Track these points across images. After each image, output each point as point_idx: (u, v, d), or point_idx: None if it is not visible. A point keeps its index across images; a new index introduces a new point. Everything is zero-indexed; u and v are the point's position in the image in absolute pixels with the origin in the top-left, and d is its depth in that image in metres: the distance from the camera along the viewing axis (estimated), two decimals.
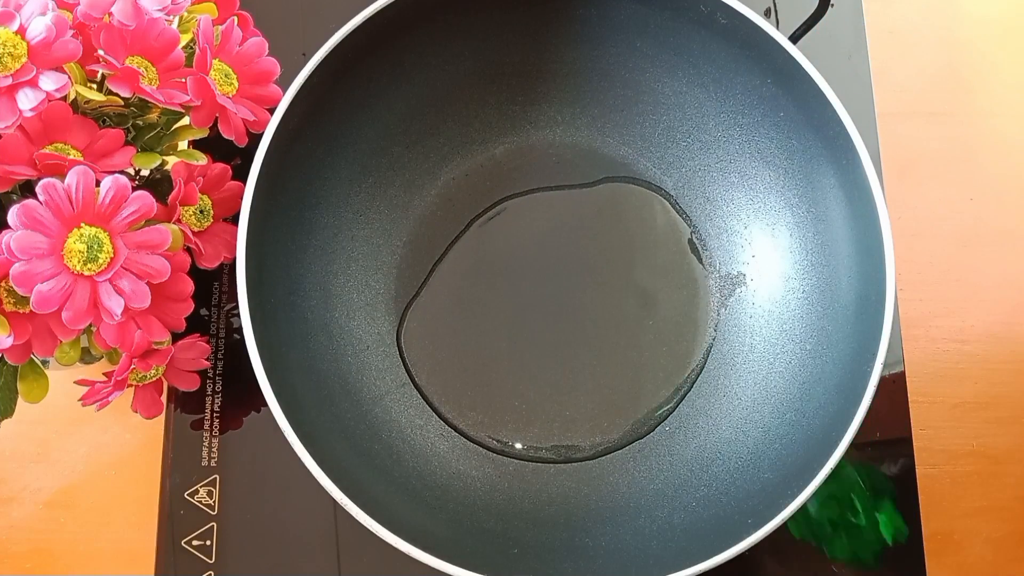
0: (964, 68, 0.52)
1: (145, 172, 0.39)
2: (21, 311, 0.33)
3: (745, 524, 0.34)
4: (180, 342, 0.39)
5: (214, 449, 0.44)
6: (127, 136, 0.36)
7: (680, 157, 0.46)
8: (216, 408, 0.45)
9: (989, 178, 0.50)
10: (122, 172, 0.34)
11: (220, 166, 0.40)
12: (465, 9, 0.42)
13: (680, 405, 0.43)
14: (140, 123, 0.37)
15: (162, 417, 0.44)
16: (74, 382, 0.38)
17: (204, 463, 0.44)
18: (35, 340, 0.33)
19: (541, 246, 0.46)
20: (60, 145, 0.34)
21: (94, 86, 0.35)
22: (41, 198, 0.31)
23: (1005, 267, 0.49)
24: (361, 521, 0.34)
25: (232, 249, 0.38)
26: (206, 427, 0.44)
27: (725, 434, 0.42)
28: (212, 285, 0.46)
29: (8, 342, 0.32)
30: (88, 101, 0.34)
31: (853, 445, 0.34)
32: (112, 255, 0.32)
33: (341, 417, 0.40)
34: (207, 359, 0.41)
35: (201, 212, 0.39)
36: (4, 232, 0.31)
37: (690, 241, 0.46)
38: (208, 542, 0.43)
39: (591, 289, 0.45)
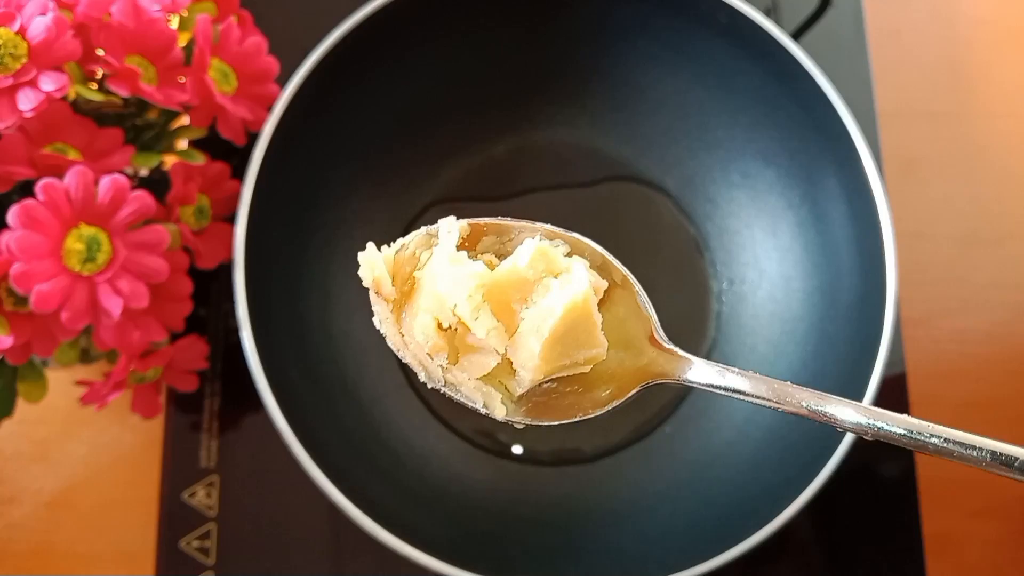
0: (965, 68, 0.52)
1: (144, 172, 0.39)
2: (21, 311, 0.33)
3: (746, 525, 0.34)
4: (179, 342, 0.39)
5: (213, 450, 0.44)
6: (126, 136, 0.36)
7: (681, 157, 0.45)
8: (215, 409, 0.44)
9: (989, 178, 0.50)
10: (121, 172, 0.34)
11: (218, 165, 0.40)
12: (464, 8, 0.41)
13: (681, 406, 0.43)
14: (139, 123, 0.37)
15: (161, 418, 0.44)
16: (74, 382, 0.38)
17: (203, 464, 0.44)
18: (35, 341, 0.33)
19: None
20: (59, 145, 0.34)
21: (94, 86, 0.35)
22: (40, 198, 0.31)
23: (1005, 267, 0.49)
24: (360, 523, 0.34)
25: (231, 249, 0.38)
26: (205, 428, 0.44)
27: (726, 435, 0.42)
28: (210, 285, 0.46)
29: (8, 342, 0.32)
30: (87, 101, 0.34)
31: (854, 446, 0.34)
32: (111, 255, 0.32)
33: (340, 418, 0.40)
34: (205, 359, 0.41)
35: (200, 211, 0.39)
36: (4, 232, 0.31)
37: (691, 240, 0.46)
38: (207, 543, 0.43)
39: None
